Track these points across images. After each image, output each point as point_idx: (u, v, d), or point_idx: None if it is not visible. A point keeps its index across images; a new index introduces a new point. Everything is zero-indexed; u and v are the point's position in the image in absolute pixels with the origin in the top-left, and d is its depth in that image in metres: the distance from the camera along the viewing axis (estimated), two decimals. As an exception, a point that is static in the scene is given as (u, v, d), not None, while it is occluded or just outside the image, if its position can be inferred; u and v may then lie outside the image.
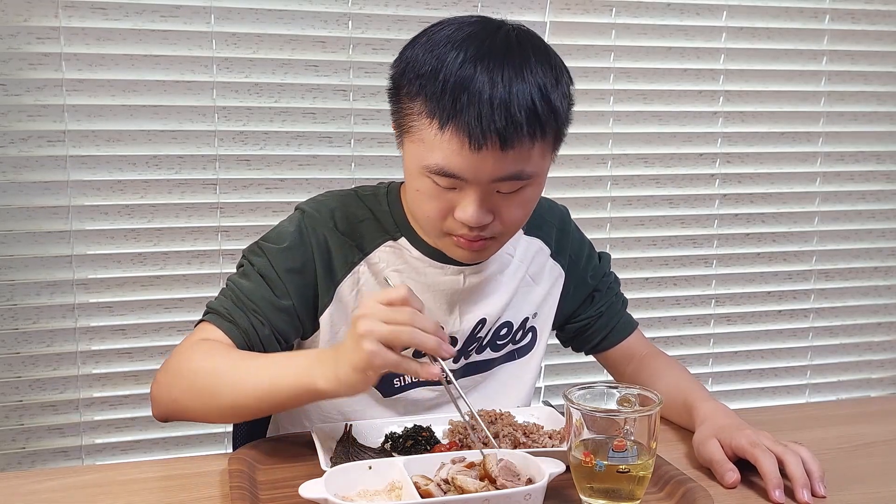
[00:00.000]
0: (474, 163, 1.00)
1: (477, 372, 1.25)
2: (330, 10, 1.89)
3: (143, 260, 1.85)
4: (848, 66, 2.28)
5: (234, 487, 0.96)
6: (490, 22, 1.06)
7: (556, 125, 1.04)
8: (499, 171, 1.01)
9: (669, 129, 2.17)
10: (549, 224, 1.29)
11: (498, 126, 0.98)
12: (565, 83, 1.07)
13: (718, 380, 2.31)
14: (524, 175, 1.03)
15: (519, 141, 1.00)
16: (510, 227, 1.10)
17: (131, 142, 1.81)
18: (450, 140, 1.00)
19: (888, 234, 2.38)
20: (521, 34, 1.05)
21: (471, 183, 1.02)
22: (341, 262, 1.17)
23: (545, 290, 1.28)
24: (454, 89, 0.99)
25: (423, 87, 1.02)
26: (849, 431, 1.19)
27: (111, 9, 1.76)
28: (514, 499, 0.85)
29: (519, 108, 0.98)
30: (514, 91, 0.99)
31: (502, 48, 1.01)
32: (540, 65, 1.02)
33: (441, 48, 1.02)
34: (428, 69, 1.01)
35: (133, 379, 1.87)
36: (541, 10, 2.04)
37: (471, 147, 0.99)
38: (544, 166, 1.08)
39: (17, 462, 1.83)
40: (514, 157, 1.01)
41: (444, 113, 0.99)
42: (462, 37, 1.02)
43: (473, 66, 0.99)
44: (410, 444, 1.04)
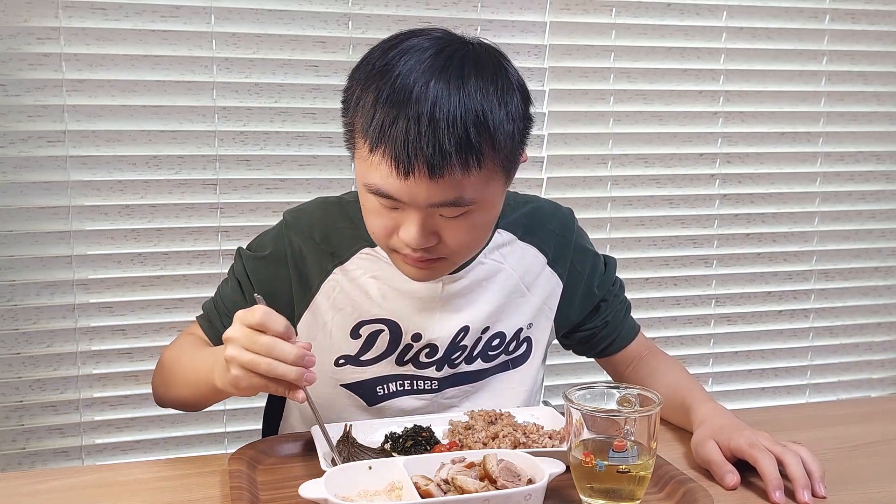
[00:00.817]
0: (406, 188, 0.97)
1: (467, 382, 1.22)
2: (330, 10, 1.89)
3: (143, 260, 1.85)
4: (848, 66, 2.28)
5: (234, 487, 0.96)
6: (440, 39, 1.01)
7: (496, 152, 0.99)
8: (433, 198, 0.98)
9: (669, 129, 2.17)
10: (547, 231, 1.25)
11: (426, 153, 0.94)
12: (516, 104, 1.02)
13: (718, 380, 2.31)
14: (462, 202, 0.99)
15: (449, 170, 0.95)
16: (458, 250, 1.06)
17: (131, 142, 1.81)
18: (380, 163, 0.97)
19: (888, 234, 2.38)
20: (467, 53, 1.00)
21: (409, 206, 1.00)
22: (316, 271, 1.18)
23: (540, 300, 1.24)
24: (383, 114, 0.96)
25: (358, 108, 1.00)
26: (849, 431, 1.19)
27: (111, 9, 1.76)
28: (514, 499, 0.85)
29: (448, 137, 0.94)
30: (445, 117, 0.94)
31: (439, 69, 0.96)
32: (481, 87, 0.97)
33: (378, 69, 0.99)
34: (363, 90, 1.00)
35: (133, 379, 1.87)
36: (541, 10, 2.04)
37: (398, 173, 0.96)
38: (490, 192, 1.02)
39: (18, 462, 1.83)
40: (446, 184, 0.96)
41: (373, 137, 0.97)
42: (401, 57, 0.98)
43: (404, 88, 0.95)
44: (410, 444, 1.04)
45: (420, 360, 1.19)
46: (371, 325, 1.18)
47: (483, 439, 1.04)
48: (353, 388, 1.21)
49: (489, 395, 1.24)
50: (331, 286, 1.18)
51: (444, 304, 1.17)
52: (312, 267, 1.18)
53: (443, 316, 1.17)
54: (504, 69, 1.03)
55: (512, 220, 1.23)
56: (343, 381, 1.21)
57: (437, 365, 1.19)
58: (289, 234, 1.20)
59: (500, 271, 1.20)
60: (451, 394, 1.22)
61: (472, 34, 1.07)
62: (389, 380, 1.20)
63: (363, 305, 1.17)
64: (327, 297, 1.18)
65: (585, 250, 1.29)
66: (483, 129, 0.96)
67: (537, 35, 2.05)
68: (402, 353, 1.19)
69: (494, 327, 1.21)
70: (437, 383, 1.20)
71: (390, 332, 1.18)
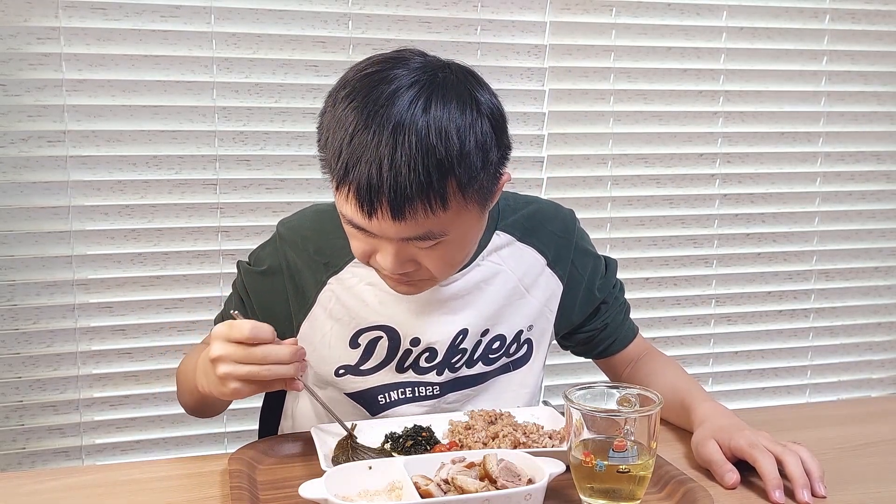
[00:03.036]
0: (372, 225, 0.97)
1: (468, 386, 1.22)
2: (330, 10, 1.89)
3: (143, 260, 1.85)
4: (848, 66, 2.28)
5: (234, 487, 0.96)
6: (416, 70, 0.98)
7: (463, 191, 0.97)
8: (401, 234, 0.97)
9: (669, 129, 2.17)
10: (547, 232, 1.24)
11: (388, 197, 0.93)
12: (487, 134, 0.98)
13: (718, 380, 2.31)
14: (433, 236, 0.98)
15: (412, 212, 0.94)
16: (438, 274, 1.05)
17: (131, 142, 1.81)
18: (346, 200, 0.97)
19: (888, 234, 2.38)
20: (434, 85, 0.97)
21: (381, 238, 1.00)
22: (311, 283, 1.19)
23: (541, 302, 1.23)
24: (346, 154, 0.95)
25: (324, 144, 1.00)
26: (849, 431, 1.19)
27: (111, 9, 1.76)
28: (514, 499, 0.85)
29: (409, 182, 0.92)
30: (406, 161, 0.92)
31: (405, 108, 0.94)
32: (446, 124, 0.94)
33: (343, 103, 0.97)
34: (327, 126, 0.99)
35: (133, 379, 1.87)
36: (541, 10, 2.04)
37: (363, 212, 0.96)
38: (463, 223, 1.01)
39: (18, 462, 1.83)
40: (412, 224, 0.96)
41: (338, 175, 0.97)
42: (366, 92, 0.96)
43: (368, 129, 0.93)
44: (410, 444, 1.04)
45: (420, 364, 1.19)
46: (369, 332, 1.18)
47: (483, 439, 1.04)
48: (354, 397, 1.21)
49: (490, 398, 1.23)
50: (327, 296, 1.19)
51: (441, 307, 1.17)
52: (308, 279, 1.19)
53: (441, 319, 1.17)
54: (473, 100, 0.98)
55: (511, 221, 1.22)
56: (345, 390, 1.21)
57: (437, 369, 1.19)
58: (283, 248, 1.21)
59: (498, 273, 1.20)
60: (453, 398, 1.21)
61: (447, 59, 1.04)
62: (390, 388, 1.20)
63: (360, 313, 1.18)
64: (324, 308, 1.19)
65: (586, 252, 1.28)
66: (446, 171, 0.94)
67: (537, 35, 2.05)
68: (401, 360, 1.18)
69: (494, 329, 1.21)
70: (438, 388, 1.20)
71: (389, 339, 1.17)
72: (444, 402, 1.21)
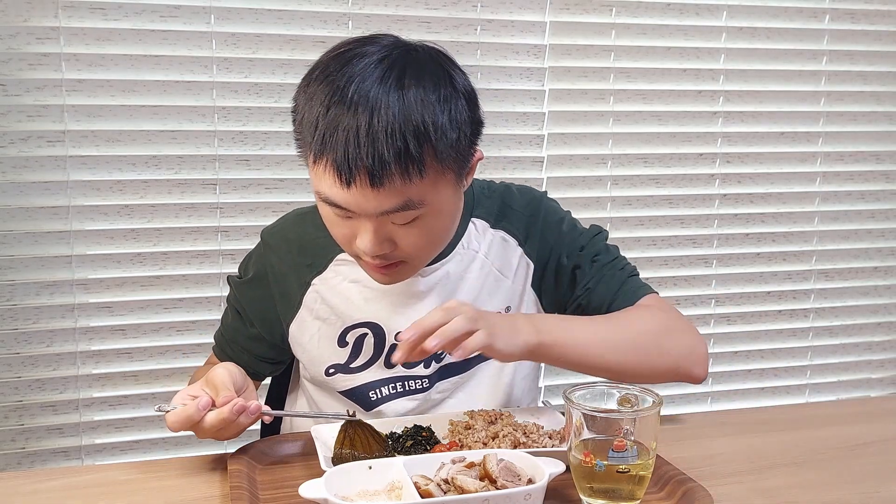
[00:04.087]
0: (351, 197, 0.98)
1: (455, 374, 1.22)
2: (330, 10, 1.89)
3: (142, 260, 1.85)
4: (848, 66, 2.28)
5: (234, 487, 0.96)
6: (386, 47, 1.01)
7: (439, 160, 0.99)
8: (380, 206, 0.98)
9: (669, 129, 2.17)
10: (516, 213, 1.23)
11: (366, 164, 0.95)
12: (460, 111, 1.01)
13: (718, 380, 2.31)
14: (412, 205, 0.99)
15: (389, 179, 0.96)
16: (416, 254, 1.06)
17: (131, 142, 1.81)
18: (324, 174, 0.98)
19: (888, 234, 2.38)
20: (409, 60, 1.00)
21: (360, 215, 1.00)
22: (296, 286, 1.21)
23: (519, 285, 1.22)
24: (324, 125, 0.96)
25: (303, 119, 1.01)
26: (849, 431, 1.19)
27: (111, 9, 1.76)
28: (514, 499, 0.85)
29: (387, 147, 0.94)
30: (384, 127, 0.94)
31: (378, 79, 0.96)
32: (422, 95, 0.97)
33: (322, 79, 0.99)
34: (307, 101, 1.01)
35: (133, 379, 1.87)
36: (541, 10, 2.04)
37: (341, 182, 0.97)
38: (440, 196, 1.02)
39: (17, 462, 1.83)
40: (390, 193, 0.97)
41: (316, 148, 0.98)
42: (343, 67, 0.98)
43: (345, 100, 0.96)
44: (410, 444, 1.04)
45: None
46: (356, 329, 1.19)
47: (483, 439, 1.04)
48: (347, 395, 1.22)
49: (480, 383, 1.23)
50: (312, 298, 1.20)
51: (422, 299, 1.18)
52: (292, 282, 1.21)
53: (424, 311, 1.16)
54: (447, 76, 1.02)
55: (486, 207, 1.23)
56: (337, 388, 1.22)
57: (424, 362, 1.20)
58: (267, 255, 1.23)
59: (474, 260, 1.20)
60: (442, 387, 1.22)
61: (420, 41, 1.06)
62: (381, 384, 1.21)
63: (345, 312, 1.19)
64: (310, 309, 1.21)
65: (554, 224, 1.24)
66: (423, 139, 0.96)
67: (537, 35, 2.05)
68: (388, 355, 1.19)
69: None
70: (426, 381, 1.21)
71: (374, 335, 1.19)
72: (434, 392, 1.22)
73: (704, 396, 2.31)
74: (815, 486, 1.01)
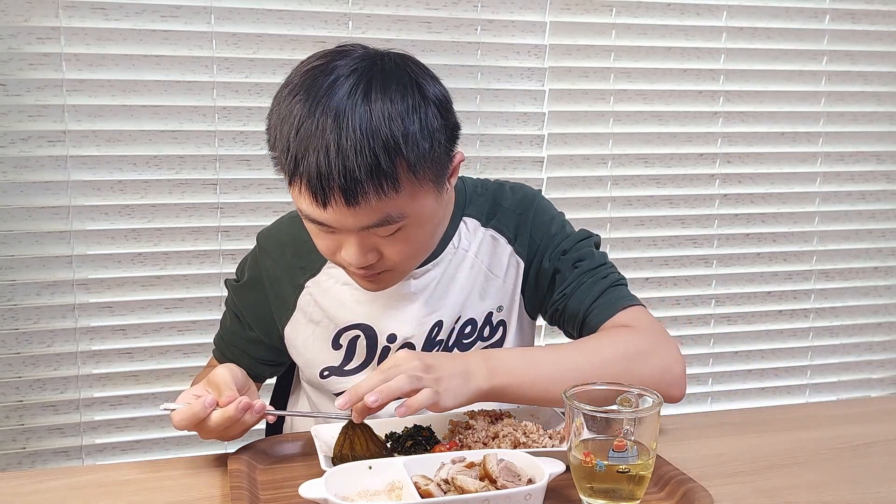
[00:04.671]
0: (330, 216, 0.98)
1: None
2: (330, 10, 1.89)
3: (143, 260, 1.85)
4: (848, 66, 2.28)
5: (234, 487, 0.96)
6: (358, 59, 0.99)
7: (413, 172, 0.97)
8: (359, 222, 0.98)
9: (669, 129, 2.17)
10: (507, 211, 1.21)
11: (339, 183, 0.94)
12: (431, 119, 0.99)
13: (718, 380, 2.31)
14: (392, 220, 0.99)
15: (364, 196, 0.95)
16: (402, 262, 1.05)
17: (131, 142, 1.81)
18: (300, 195, 0.98)
19: (888, 234, 2.38)
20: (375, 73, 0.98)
21: (341, 230, 1.00)
22: (290, 289, 1.21)
23: (508, 283, 1.21)
24: (295, 147, 0.96)
25: (273, 143, 1.01)
26: (849, 431, 1.19)
27: (111, 9, 1.76)
28: (514, 499, 0.85)
29: (357, 165, 0.93)
30: (353, 145, 0.93)
31: (345, 96, 0.95)
32: (390, 108, 0.95)
33: (286, 100, 0.98)
34: (276, 124, 1.00)
35: (133, 379, 1.87)
36: (541, 10, 2.04)
37: (317, 204, 0.97)
38: (420, 205, 1.01)
39: (18, 462, 1.83)
40: (366, 209, 0.96)
41: (288, 170, 0.98)
42: (307, 86, 0.97)
43: (312, 120, 0.95)
44: (410, 444, 1.04)
45: None
46: (348, 332, 1.19)
47: (483, 439, 1.04)
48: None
49: None
50: (306, 300, 1.21)
51: (414, 301, 1.17)
52: (286, 285, 1.22)
53: (415, 313, 1.17)
54: (417, 84, 0.99)
55: (478, 206, 1.22)
56: (333, 391, 1.23)
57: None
58: (262, 258, 1.24)
59: (465, 260, 1.20)
60: None
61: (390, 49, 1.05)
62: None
63: (338, 314, 1.19)
64: (303, 312, 1.21)
65: (543, 223, 1.22)
66: (393, 152, 0.95)
67: (537, 35, 2.05)
68: (381, 357, 1.19)
69: (465, 314, 1.20)
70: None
71: (366, 337, 1.19)
72: None
73: (704, 396, 2.31)
74: (815, 486, 1.01)
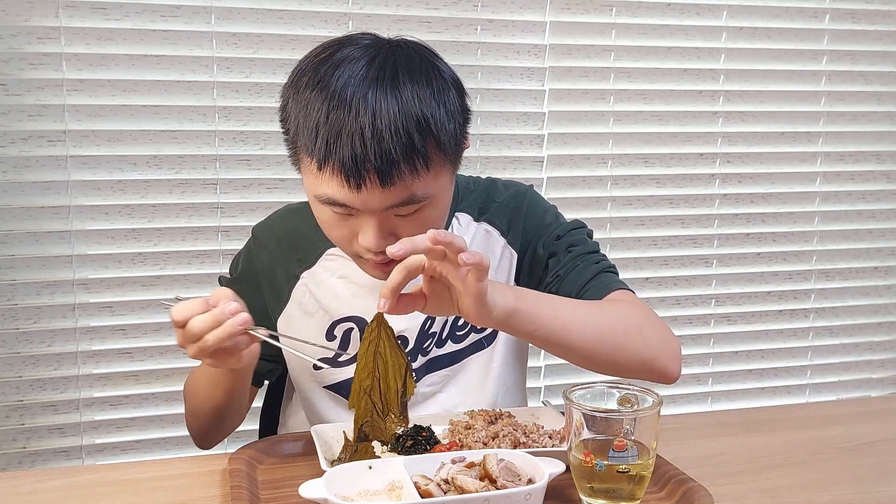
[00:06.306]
0: (359, 198, 0.99)
1: (444, 367, 1.22)
2: (330, 10, 1.89)
3: (143, 260, 1.85)
4: (848, 66, 2.28)
5: (234, 487, 0.96)
6: (368, 47, 1.02)
7: (441, 150, 1.01)
8: (387, 202, 1.00)
9: (669, 129, 2.17)
10: (500, 206, 1.24)
11: (375, 164, 0.96)
12: (453, 101, 1.03)
13: (718, 380, 2.31)
14: (416, 199, 1.01)
15: (399, 176, 0.98)
16: None
17: (131, 142, 1.81)
18: (330, 178, 0.99)
19: (888, 234, 2.38)
20: (397, 58, 1.01)
21: (363, 212, 1.01)
22: (285, 280, 1.22)
23: (501, 275, 1.23)
24: (326, 131, 0.97)
25: (299, 129, 1.02)
26: (849, 431, 1.19)
27: (111, 9, 1.76)
28: (514, 499, 0.85)
29: (394, 146, 0.96)
30: (387, 126, 0.96)
31: (373, 79, 0.98)
32: (417, 90, 0.99)
33: (313, 85, 1.00)
34: (300, 108, 1.01)
35: (133, 379, 1.87)
36: (541, 10, 2.04)
37: (350, 186, 0.98)
38: (440, 185, 1.04)
39: (18, 462, 1.83)
40: (398, 188, 0.99)
41: (319, 154, 0.98)
42: (334, 71, 0.99)
43: (343, 103, 0.97)
44: (410, 444, 1.04)
45: None
46: (342, 323, 1.20)
47: (483, 439, 1.04)
48: (334, 388, 1.23)
49: (470, 376, 1.23)
50: (301, 292, 1.21)
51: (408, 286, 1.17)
52: (281, 276, 1.22)
53: None
54: (435, 68, 1.04)
55: (470, 201, 1.24)
56: (325, 383, 1.23)
57: (411, 356, 1.20)
58: (257, 250, 1.25)
59: None
60: (431, 381, 1.22)
61: (397, 36, 1.08)
62: None
63: (332, 306, 1.20)
64: (298, 304, 1.22)
65: (536, 215, 1.24)
66: (426, 133, 0.99)
67: (537, 35, 2.05)
68: None
69: None
70: (414, 374, 1.21)
71: (360, 329, 1.20)
72: (423, 386, 1.22)
73: (704, 396, 2.31)
74: (815, 486, 1.01)
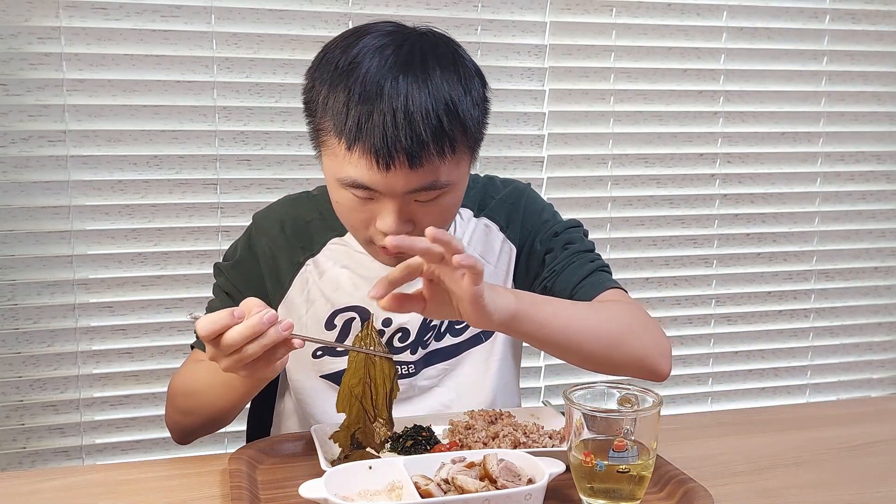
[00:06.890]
0: (386, 179, 1.01)
1: (442, 360, 1.23)
2: (330, 10, 1.89)
3: (143, 260, 1.85)
4: (848, 66, 2.28)
5: (234, 487, 0.96)
6: (395, 34, 1.06)
7: (466, 136, 1.05)
8: (411, 185, 1.02)
9: (669, 129, 2.17)
10: (499, 202, 1.27)
11: (405, 146, 0.98)
12: (477, 89, 1.07)
13: (718, 380, 2.31)
14: (438, 185, 1.03)
15: (427, 158, 1.00)
16: None
17: (132, 142, 1.81)
18: (358, 159, 1.01)
19: (888, 234, 2.38)
20: (425, 45, 1.05)
21: (386, 195, 1.03)
22: (287, 265, 1.22)
23: (500, 269, 1.25)
24: (357, 112, 0.99)
25: (327, 109, 1.03)
26: (849, 431, 1.19)
27: (111, 9, 1.76)
28: (514, 499, 0.85)
29: (424, 127, 0.99)
30: (418, 109, 0.99)
31: (404, 63, 1.01)
32: (446, 77, 1.02)
33: (343, 69, 1.02)
34: (330, 90, 1.02)
35: (133, 379, 1.87)
36: (541, 10, 2.04)
37: (379, 167, 1.00)
38: (461, 173, 1.07)
39: (18, 462, 1.83)
40: (425, 171, 1.01)
41: (349, 135, 1.00)
42: (364, 56, 1.02)
43: (375, 85, 0.99)
44: (410, 444, 1.04)
45: (394, 344, 1.21)
46: (344, 313, 1.21)
47: (483, 439, 1.04)
48: (332, 378, 1.23)
49: (468, 370, 1.24)
50: (303, 279, 1.22)
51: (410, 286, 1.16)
52: (284, 262, 1.22)
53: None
54: (461, 57, 1.08)
55: (469, 197, 1.25)
56: (322, 371, 1.23)
57: (411, 348, 1.21)
58: (258, 236, 1.24)
59: None
60: (429, 374, 1.23)
61: (422, 24, 1.11)
62: None
63: (333, 295, 1.21)
64: (300, 291, 1.22)
65: (534, 212, 1.27)
66: (454, 117, 1.02)
67: (537, 35, 2.05)
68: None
69: None
70: (412, 366, 1.22)
71: (361, 320, 1.20)
72: (421, 379, 1.23)
73: (704, 396, 2.31)
74: (815, 486, 1.01)
